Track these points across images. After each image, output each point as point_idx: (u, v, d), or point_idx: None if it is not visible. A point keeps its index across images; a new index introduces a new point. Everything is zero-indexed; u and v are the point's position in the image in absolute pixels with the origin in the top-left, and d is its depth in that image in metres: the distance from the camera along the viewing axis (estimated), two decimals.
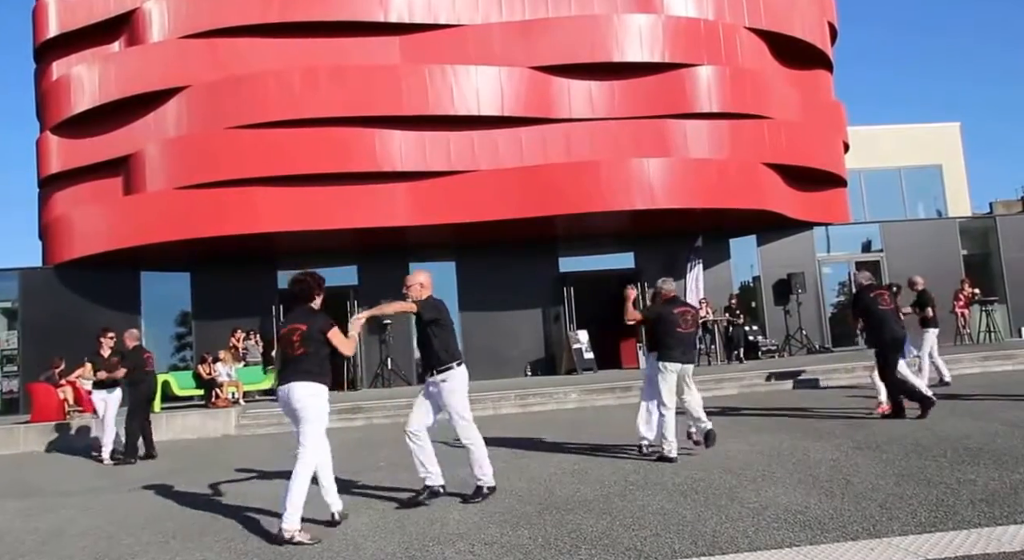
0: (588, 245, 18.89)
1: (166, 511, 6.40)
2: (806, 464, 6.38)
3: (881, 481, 5.52)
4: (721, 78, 17.43)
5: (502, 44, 16.89)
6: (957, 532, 4.19)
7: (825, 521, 4.60)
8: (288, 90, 16.04)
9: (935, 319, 11.64)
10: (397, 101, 16.17)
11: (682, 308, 7.49)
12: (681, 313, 7.36)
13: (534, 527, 4.96)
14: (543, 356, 18.62)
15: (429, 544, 4.75)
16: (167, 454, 10.41)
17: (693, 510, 5.10)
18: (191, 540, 5.29)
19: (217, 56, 16.54)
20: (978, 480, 5.30)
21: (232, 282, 17.64)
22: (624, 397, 12.98)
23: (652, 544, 4.40)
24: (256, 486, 7.27)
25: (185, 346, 18.25)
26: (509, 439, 9.22)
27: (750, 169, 17.10)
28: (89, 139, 17.29)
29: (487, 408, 12.86)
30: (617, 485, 6.08)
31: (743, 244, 19.55)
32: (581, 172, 16.15)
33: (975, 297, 18.11)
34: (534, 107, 16.72)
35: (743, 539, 4.37)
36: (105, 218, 16.53)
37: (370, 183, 16.04)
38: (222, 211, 15.52)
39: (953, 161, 23.42)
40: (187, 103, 16.45)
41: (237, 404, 14.16)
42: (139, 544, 5.29)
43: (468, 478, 6.12)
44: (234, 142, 15.96)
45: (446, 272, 18.54)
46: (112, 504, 6.97)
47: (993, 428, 7.33)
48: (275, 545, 4.97)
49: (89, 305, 16.99)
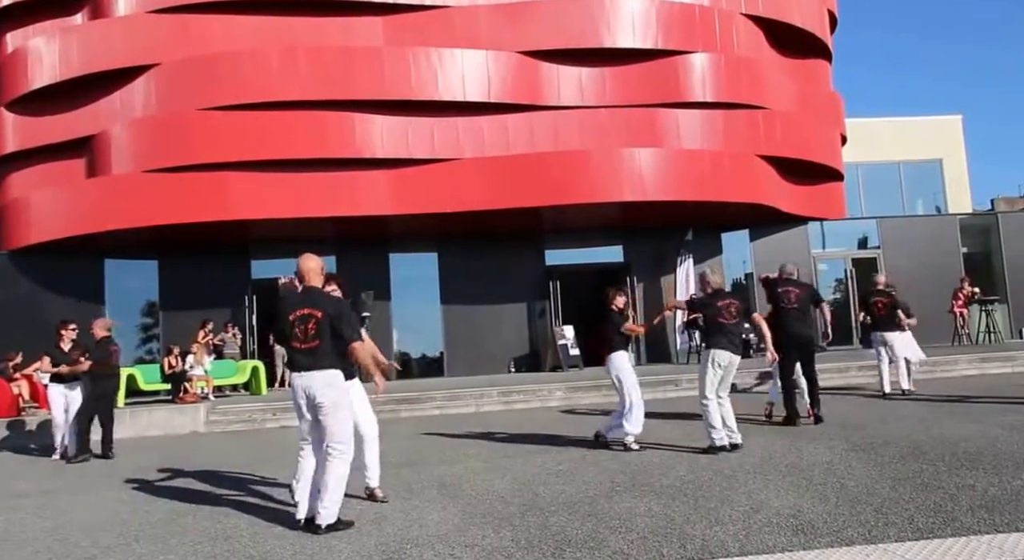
0: (575, 238, 18.88)
1: (128, 512, 6.30)
2: (799, 466, 6.39)
3: (877, 485, 5.53)
4: (716, 66, 17.45)
5: (489, 27, 16.81)
6: (956, 539, 4.20)
7: (819, 525, 4.60)
8: (264, 70, 15.89)
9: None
10: (379, 84, 16.07)
11: (727, 300, 7.70)
12: (725, 305, 7.61)
13: (517, 529, 4.94)
14: (527, 352, 18.61)
15: (407, 546, 4.71)
16: (130, 452, 10.26)
17: (682, 513, 5.09)
18: (155, 543, 5.22)
19: (188, 33, 16.34)
20: (977, 485, 5.32)
21: (203, 271, 17.48)
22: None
23: (639, 548, 4.38)
24: (224, 486, 7.19)
25: (152, 338, 18.08)
26: (491, 438, 9.20)
27: (744, 161, 17.15)
28: (48, 117, 16.97)
29: (468, 405, 12.85)
30: (603, 486, 6.06)
31: (735, 239, 19.61)
32: (569, 162, 16.13)
33: (975, 296, 18.25)
34: (521, 93, 16.67)
35: (733, 543, 4.36)
36: (66, 202, 16.31)
37: (349, 169, 15.95)
38: (193, 196, 15.36)
39: (954, 155, 23.57)
40: (156, 82, 16.24)
41: (206, 400, 14.03)
42: (97, 547, 5.20)
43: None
44: (206, 124, 15.79)
45: (428, 263, 18.52)
46: (69, 505, 6.86)
47: (993, 432, 7.38)
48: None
49: (47, 294, 16.79)
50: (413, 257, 18.74)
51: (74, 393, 10.25)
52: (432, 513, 5.53)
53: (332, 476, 5.19)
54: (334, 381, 5.31)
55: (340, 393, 5.34)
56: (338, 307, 5.46)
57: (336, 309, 5.41)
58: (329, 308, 5.38)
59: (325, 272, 5.69)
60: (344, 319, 5.40)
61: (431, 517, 5.41)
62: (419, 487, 6.49)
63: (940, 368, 13.73)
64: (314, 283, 5.52)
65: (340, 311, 5.42)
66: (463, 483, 6.54)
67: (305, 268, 5.52)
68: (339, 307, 5.47)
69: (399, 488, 6.46)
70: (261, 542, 5.03)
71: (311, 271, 5.52)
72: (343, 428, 5.29)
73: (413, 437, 9.82)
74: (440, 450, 8.54)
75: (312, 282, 5.51)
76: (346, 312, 5.49)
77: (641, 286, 18.95)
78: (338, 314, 5.38)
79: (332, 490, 5.16)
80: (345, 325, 5.37)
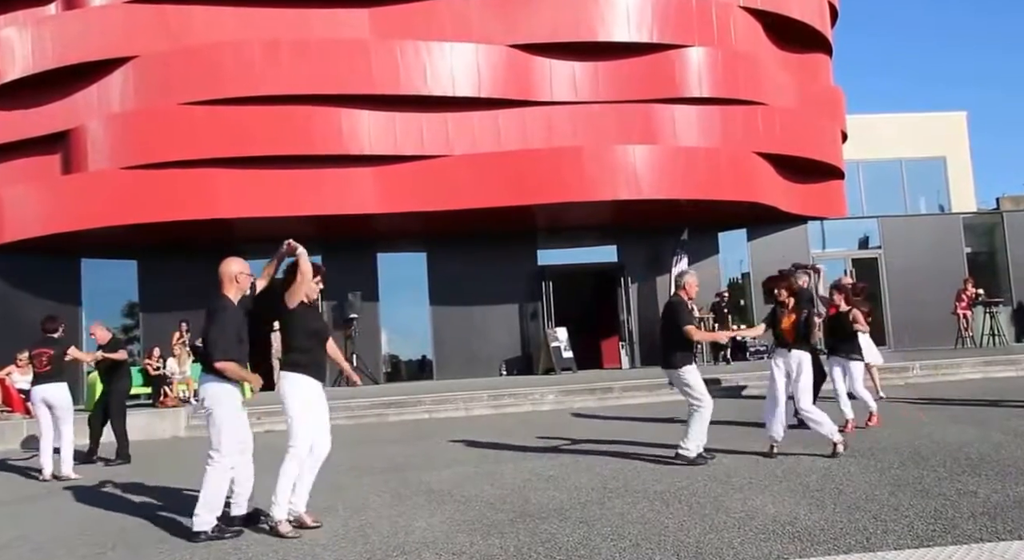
0: (568, 237, 18.91)
1: (105, 520, 6.29)
2: (796, 472, 6.42)
3: (876, 491, 5.56)
4: (713, 61, 17.48)
5: (480, 20, 16.80)
6: (957, 547, 4.22)
7: (815, 532, 4.62)
8: (247, 64, 15.84)
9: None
10: (366, 79, 16.04)
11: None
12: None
13: (506, 536, 4.95)
14: (519, 354, 18.63)
15: (393, 554, 4.72)
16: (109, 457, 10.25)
17: (675, 519, 5.11)
18: (132, 550, 5.21)
19: (168, 24, 16.26)
20: (979, 492, 5.36)
21: (183, 271, 17.36)
22: (604, 399, 13.02)
23: (632, 555, 4.40)
24: None
25: (131, 340, 18.00)
26: (481, 442, 9.20)
27: (742, 159, 17.19)
28: (21, 111, 16.81)
29: (458, 409, 12.85)
30: (595, 492, 6.08)
31: (732, 238, 19.67)
32: (562, 159, 16.14)
33: (979, 298, 18.32)
34: (513, 88, 16.67)
35: (728, 550, 4.38)
36: (40, 199, 16.19)
37: (335, 166, 15.92)
38: (173, 194, 15.31)
39: (958, 153, 23.63)
40: (134, 75, 16.17)
41: (188, 403, 14.00)
42: (73, 556, 5.20)
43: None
44: (187, 119, 15.72)
45: (416, 264, 18.52)
46: (44, 513, 6.85)
47: (995, 437, 7.43)
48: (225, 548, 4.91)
49: (21, 295, 16.66)
50: (401, 257, 18.73)
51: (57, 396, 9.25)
52: (419, 520, 5.53)
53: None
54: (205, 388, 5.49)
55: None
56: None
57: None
58: None
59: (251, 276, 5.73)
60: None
61: (418, 524, 5.42)
62: (406, 493, 6.49)
63: (942, 371, 13.81)
64: (226, 290, 5.58)
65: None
66: (451, 489, 6.55)
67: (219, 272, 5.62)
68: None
69: (385, 494, 6.47)
70: (243, 548, 5.04)
71: (222, 275, 5.61)
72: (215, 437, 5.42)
73: (400, 442, 9.82)
74: (428, 455, 8.54)
75: (224, 289, 5.59)
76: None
77: (635, 287, 18.98)
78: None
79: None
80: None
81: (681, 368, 7.19)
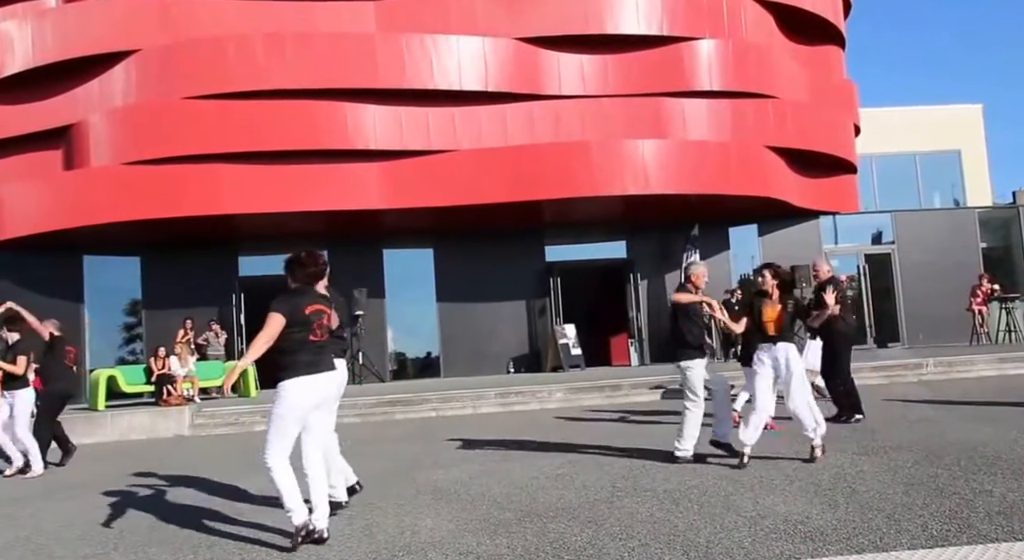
0: (577, 233, 18.89)
1: (107, 520, 6.29)
2: (807, 470, 6.40)
3: (889, 490, 5.54)
4: (723, 53, 17.44)
5: (486, 12, 16.79)
6: (972, 547, 4.20)
7: (828, 532, 4.60)
8: (250, 58, 15.88)
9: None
10: (371, 73, 16.05)
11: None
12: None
13: (513, 536, 4.94)
14: (527, 352, 18.64)
15: (399, 554, 4.72)
16: (112, 456, 10.29)
17: (685, 519, 5.10)
18: (134, 551, 5.22)
19: (170, 17, 16.31)
20: (995, 491, 5.33)
21: (188, 268, 17.47)
22: (613, 396, 13.00)
23: (640, 555, 4.39)
24: (209, 491, 7.20)
25: (135, 338, 18.09)
26: (488, 441, 9.21)
27: (753, 153, 17.14)
28: (22, 106, 16.89)
29: (465, 407, 12.86)
30: (604, 491, 6.07)
31: (743, 233, 19.62)
32: (570, 153, 16.12)
33: (994, 294, 18.22)
34: (520, 82, 16.66)
35: (739, 551, 4.36)
36: (41, 195, 16.26)
37: (341, 161, 15.95)
38: (177, 190, 15.35)
39: (973, 146, 23.48)
40: (136, 69, 16.22)
41: (191, 402, 14.05)
42: (75, 557, 5.21)
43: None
44: (190, 113, 15.78)
45: (423, 260, 18.53)
46: (43, 513, 6.85)
47: (1011, 435, 7.38)
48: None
49: (23, 292, 16.59)
50: (408, 253, 18.75)
51: (23, 397, 9.03)
52: (426, 519, 5.53)
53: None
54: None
55: None
56: None
57: None
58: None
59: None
60: None
61: (424, 523, 5.42)
62: (412, 492, 6.50)
63: (957, 369, 13.74)
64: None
65: None
66: (458, 488, 6.55)
67: None
68: None
69: (392, 493, 6.47)
70: (247, 550, 5.04)
71: None
72: None
73: (407, 440, 9.83)
74: (435, 454, 8.55)
75: None
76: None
77: (645, 283, 18.95)
78: None
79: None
80: None
81: (682, 362, 7.19)
